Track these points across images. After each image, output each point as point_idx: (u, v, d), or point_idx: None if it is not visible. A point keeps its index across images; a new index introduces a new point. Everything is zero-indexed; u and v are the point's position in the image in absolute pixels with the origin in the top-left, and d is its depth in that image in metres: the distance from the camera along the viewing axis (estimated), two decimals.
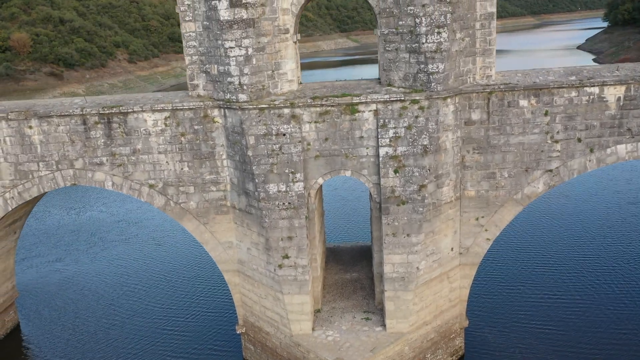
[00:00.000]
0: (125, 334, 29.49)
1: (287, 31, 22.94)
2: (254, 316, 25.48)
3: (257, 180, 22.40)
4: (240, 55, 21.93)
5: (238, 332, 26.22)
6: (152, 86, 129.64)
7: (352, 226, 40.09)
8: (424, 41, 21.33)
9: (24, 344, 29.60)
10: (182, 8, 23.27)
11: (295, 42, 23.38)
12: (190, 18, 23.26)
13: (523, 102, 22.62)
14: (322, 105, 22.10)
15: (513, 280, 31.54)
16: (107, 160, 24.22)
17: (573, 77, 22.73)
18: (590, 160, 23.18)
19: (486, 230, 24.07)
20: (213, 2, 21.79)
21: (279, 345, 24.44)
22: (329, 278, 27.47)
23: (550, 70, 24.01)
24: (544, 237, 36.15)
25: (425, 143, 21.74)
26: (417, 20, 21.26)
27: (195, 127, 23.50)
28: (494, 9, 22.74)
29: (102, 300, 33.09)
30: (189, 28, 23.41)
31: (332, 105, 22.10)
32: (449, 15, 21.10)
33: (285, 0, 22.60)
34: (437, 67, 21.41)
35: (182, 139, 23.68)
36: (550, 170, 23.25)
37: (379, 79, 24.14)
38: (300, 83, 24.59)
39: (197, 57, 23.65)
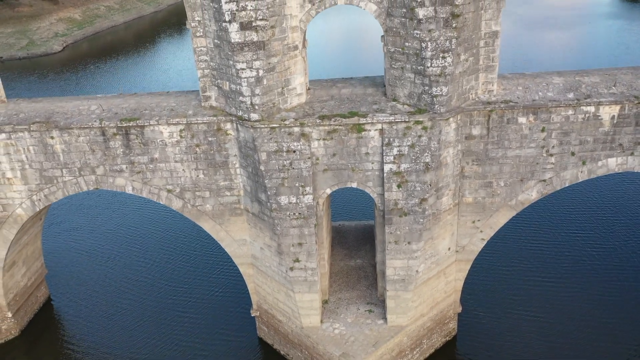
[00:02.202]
0: (145, 309, 32.37)
1: (296, 48, 23.56)
2: (267, 304, 27.99)
3: (269, 193, 23.96)
4: (252, 77, 22.70)
5: (253, 315, 28.89)
6: (150, 7, 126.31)
7: (356, 201, 41.61)
8: (429, 65, 22.09)
9: (56, 316, 32.53)
10: (192, 24, 23.71)
11: (303, 57, 24.05)
12: (202, 34, 23.76)
13: (522, 119, 23.67)
14: (330, 124, 23.21)
15: (504, 267, 33.61)
16: (126, 167, 25.63)
17: (571, 95, 23.64)
18: (581, 172, 24.61)
19: (481, 231, 25.95)
20: (224, 23, 22.26)
21: (290, 332, 27.14)
22: (335, 265, 29.73)
23: (550, 83, 24.79)
24: (535, 229, 37.36)
25: (427, 161, 23.09)
26: (423, 45, 21.90)
27: (209, 138, 24.69)
28: (499, 27, 23.25)
29: (126, 274, 35.48)
30: (200, 43, 23.97)
31: (340, 125, 23.21)
32: (454, 40, 21.70)
33: (294, 18, 23.07)
34: (441, 90, 22.32)
35: (197, 149, 24.95)
36: (544, 180, 24.75)
37: (384, 87, 25.03)
38: (309, 89, 25.49)
39: (208, 70, 24.39)
